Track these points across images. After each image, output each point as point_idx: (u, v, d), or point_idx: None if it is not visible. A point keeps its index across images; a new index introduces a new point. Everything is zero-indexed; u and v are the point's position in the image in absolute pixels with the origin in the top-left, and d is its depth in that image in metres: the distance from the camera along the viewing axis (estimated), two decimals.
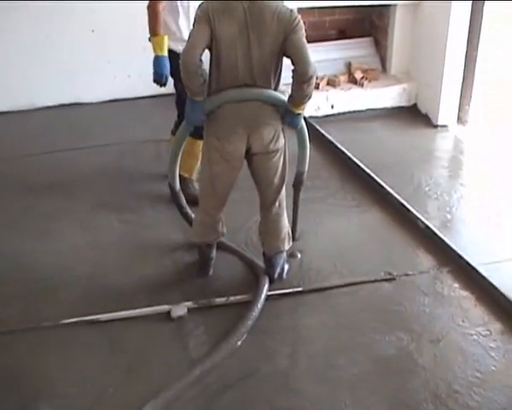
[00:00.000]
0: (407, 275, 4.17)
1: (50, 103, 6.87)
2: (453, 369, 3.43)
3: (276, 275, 4.07)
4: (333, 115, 6.59)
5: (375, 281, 4.11)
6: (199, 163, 4.40)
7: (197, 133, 4.00)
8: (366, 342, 3.63)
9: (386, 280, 4.12)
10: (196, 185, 4.65)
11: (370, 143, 6.07)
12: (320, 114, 6.49)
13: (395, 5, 6.69)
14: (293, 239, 4.21)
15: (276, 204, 3.89)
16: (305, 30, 3.51)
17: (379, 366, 3.47)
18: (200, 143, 4.25)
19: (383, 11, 6.91)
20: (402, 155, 5.84)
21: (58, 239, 4.59)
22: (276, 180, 3.78)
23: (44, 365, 3.50)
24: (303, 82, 3.46)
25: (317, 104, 6.42)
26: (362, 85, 6.66)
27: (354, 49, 7.05)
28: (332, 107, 6.57)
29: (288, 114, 3.67)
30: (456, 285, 4.08)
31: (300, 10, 6.64)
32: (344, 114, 6.63)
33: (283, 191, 3.89)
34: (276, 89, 3.67)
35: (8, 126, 6.49)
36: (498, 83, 6.67)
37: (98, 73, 6.92)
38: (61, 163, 5.69)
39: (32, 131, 6.39)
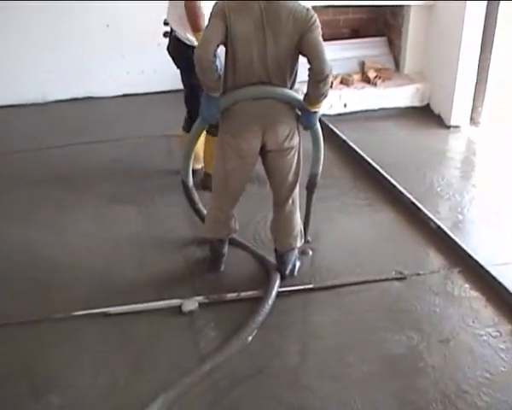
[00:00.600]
0: (418, 275, 4.17)
1: (63, 97, 6.91)
2: (463, 369, 3.44)
3: (288, 272, 4.07)
4: (345, 114, 6.60)
5: (386, 280, 4.12)
6: None
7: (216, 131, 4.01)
8: (376, 341, 3.65)
9: (397, 279, 4.12)
10: None
11: (383, 142, 6.07)
12: (333, 112, 6.49)
13: (409, 5, 6.68)
14: (305, 241, 4.22)
15: (290, 201, 3.90)
16: (321, 28, 3.52)
17: (388, 365, 3.48)
18: None
19: (397, 11, 6.91)
20: (414, 155, 5.83)
21: (69, 232, 4.63)
22: (290, 178, 3.79)
23: (55, 356, 3.53)
24: (319, 81, 3.46)
25: (330, 103, 6.41)
26: (375, 85, 6.66)
27: (368, 49, 7.05)
28: (345, 105, 6.58)
29: (303, 112, 3.67)
30: (467, 286, 4.08)
31: (314, 9, 6.66)
32: (356, 113, 6.63)
33: (297, 189, 3.90)
34: (291, 87, 3.67)
35: (20, 119, 6.52)
36: (501, 83, 6.66)
37: (112, 67, 6.94)
38: (73, 157, 5.72)
39: (43, 125, 6.43)
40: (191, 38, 4.47)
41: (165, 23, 4.74)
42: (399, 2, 6.69)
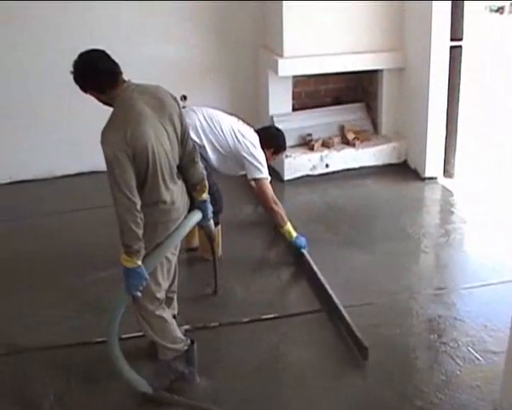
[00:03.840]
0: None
1: None
2: (495, 383, 3.61)
3: None
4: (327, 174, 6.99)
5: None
6: None
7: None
8: (406, 344, 4.09)
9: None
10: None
11: (363, 196, 6.55)
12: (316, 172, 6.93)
13: (382, 70, 7.12)
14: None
15: None
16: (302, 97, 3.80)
17: (420, 368, 3.89)
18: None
19: (373, 77, 7.34)
20: (392, 205, 6.31)
21: None
22: None
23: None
24: None
25: (313, 164, 6.87)
26: (354, 145, 7.10)
27: (347, 114, 7.49)
28: (327, 166, 6.98)
29: None
30: None
31: (297, 79, 7.09)
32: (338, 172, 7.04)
33: None
34: None
35: None
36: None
37: None
38: None
39: None
40: None
41: None
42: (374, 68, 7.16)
